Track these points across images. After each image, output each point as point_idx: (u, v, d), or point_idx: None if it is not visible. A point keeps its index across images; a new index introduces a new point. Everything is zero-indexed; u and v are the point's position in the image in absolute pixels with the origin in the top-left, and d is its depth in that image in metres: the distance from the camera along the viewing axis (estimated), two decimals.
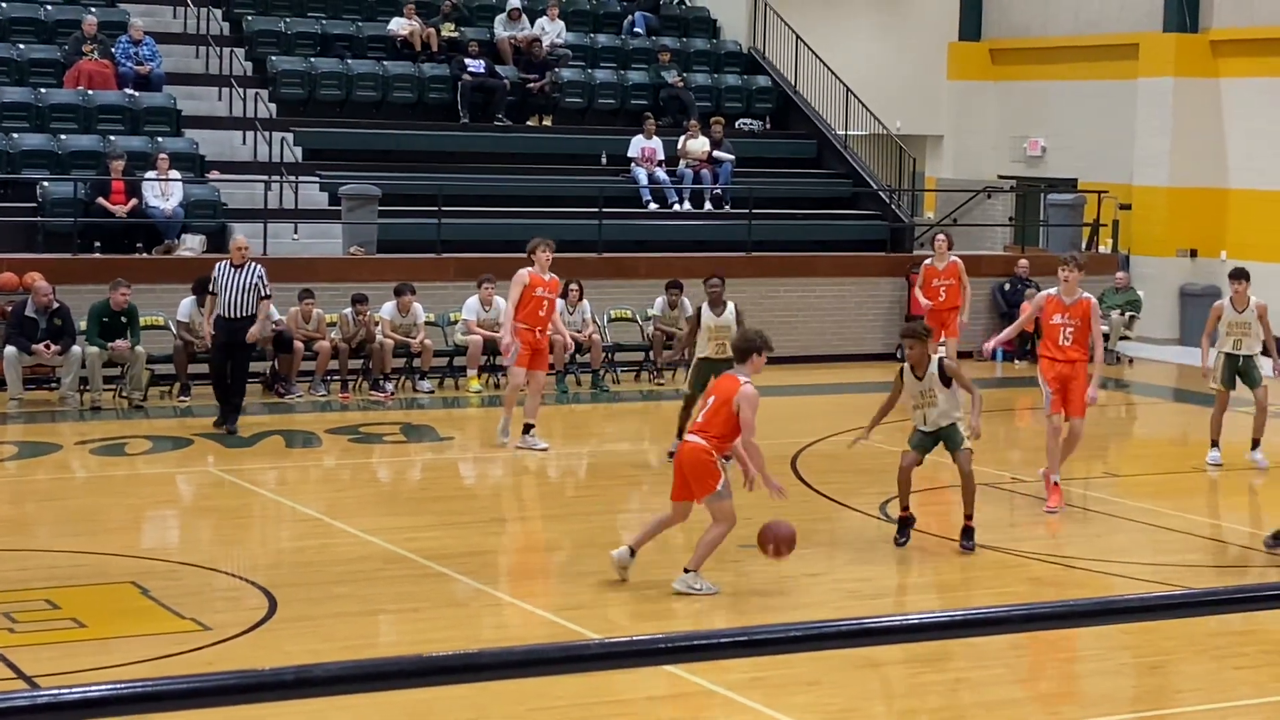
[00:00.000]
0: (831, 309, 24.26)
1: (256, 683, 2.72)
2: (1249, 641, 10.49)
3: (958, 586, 12.01)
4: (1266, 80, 26.08)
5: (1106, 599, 3.17)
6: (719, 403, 11.51)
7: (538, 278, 16.91)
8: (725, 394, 11.52)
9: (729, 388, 11.55)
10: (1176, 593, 3.25)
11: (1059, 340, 14.42)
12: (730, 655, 3.22)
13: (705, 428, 11.53)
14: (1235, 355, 16.15)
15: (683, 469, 11.62)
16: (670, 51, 27.69)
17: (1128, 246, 27.01)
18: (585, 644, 2.98)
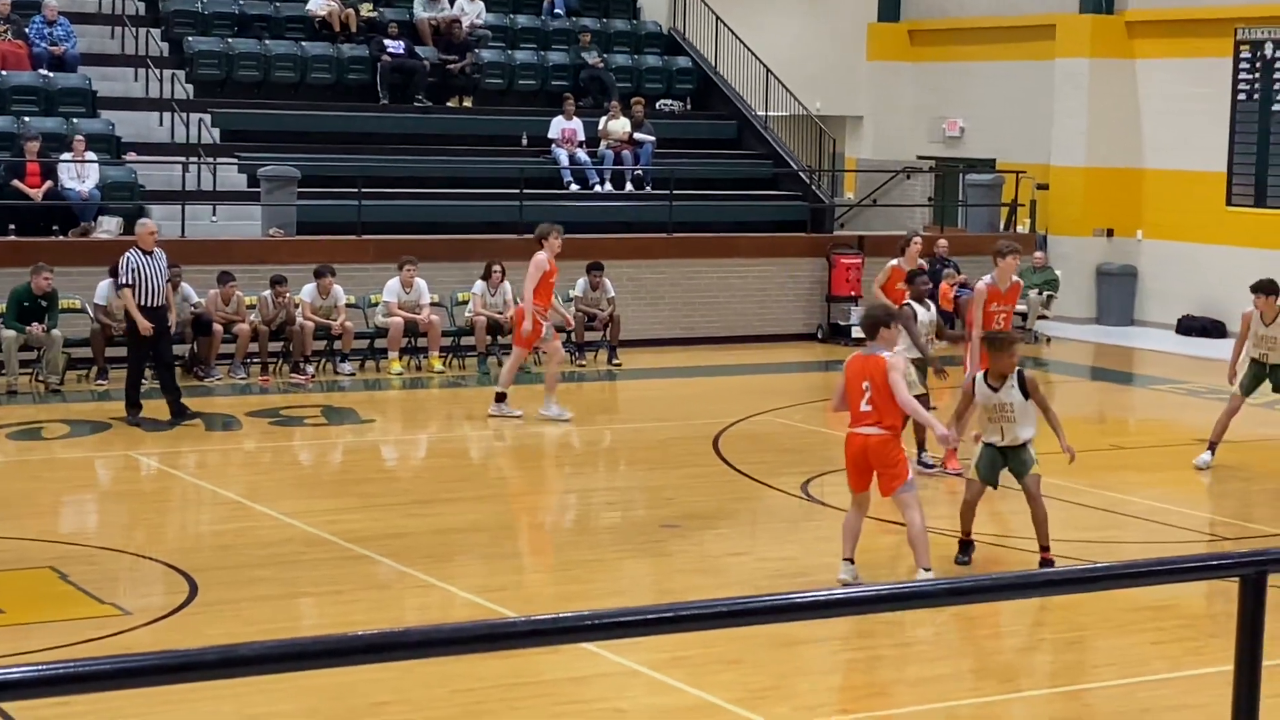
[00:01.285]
0: (753, 289, 24.32)
1: (179, 663, 2.70)
2: (1164, 616, 10.62)
3: (883, 565, 12.08)
4: (1180, 61, 26.34)
5: (1023, 573, 3.21)
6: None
7: (554, 263, 17.39)
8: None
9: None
10: (1090, 566, 3.29)
11: (994, 327, 14.56)
12: (652, 631, 3.24)
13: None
14: (1263, 363, 15.44)
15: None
16: (590, 32, 27.66)
17: (1045, 226, 27.23)
18: (509, 621, 2.99)
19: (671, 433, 17.38)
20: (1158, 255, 26.59)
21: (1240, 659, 3.26)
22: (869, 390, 10.93)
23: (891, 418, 10.93)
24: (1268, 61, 25.30)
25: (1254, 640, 3.23)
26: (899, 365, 11.00)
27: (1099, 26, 27.04)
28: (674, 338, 23.47)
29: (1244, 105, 25.62)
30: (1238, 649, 3.27)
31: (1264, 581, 3.22)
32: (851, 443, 11.10)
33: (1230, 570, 3.32)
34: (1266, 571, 3.21)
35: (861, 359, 11.13)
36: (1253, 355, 15.53)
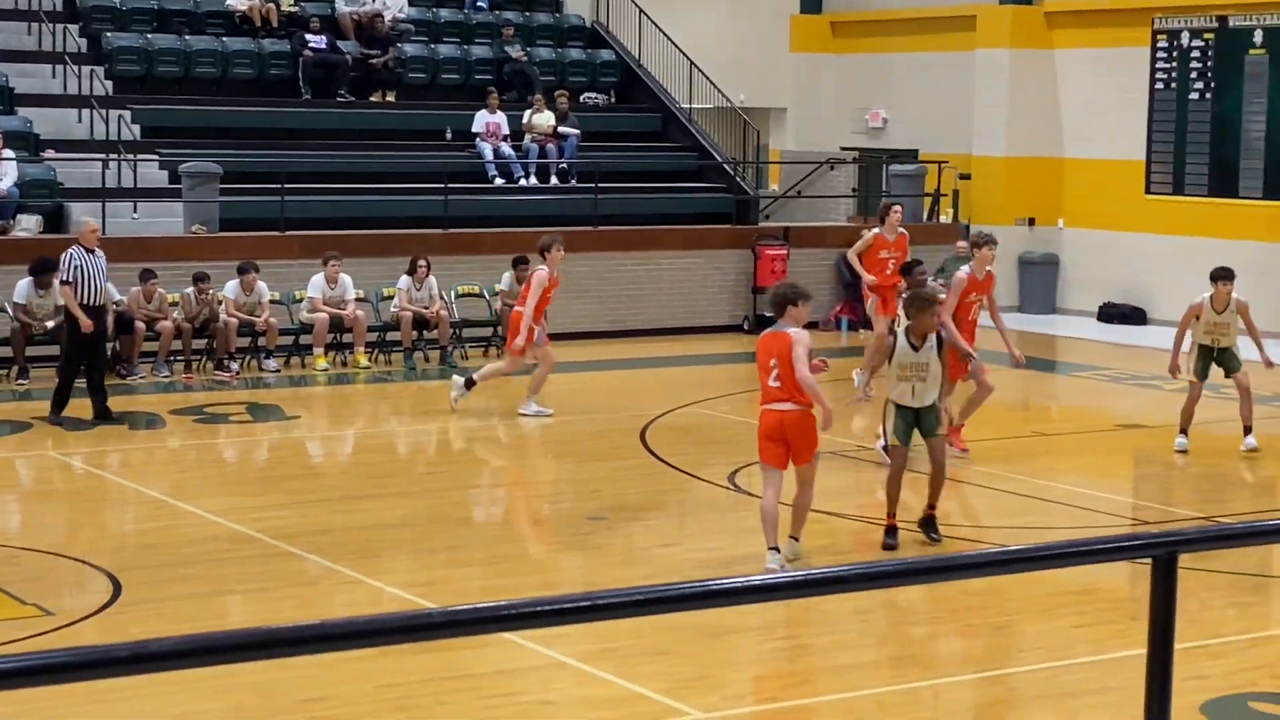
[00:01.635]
0: (678, 282, 24.36)
1: (89, 660, 2.69)
2: (1088, 600, 10.72)
3: (811, 553, 12.13)
4: (1099, 51, 26.58)
5: (936, 558, 3.24)
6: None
7: (554, 278, 17.35)
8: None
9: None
10: (1002, 549, 3.33)
11: (970, 316, 14.81)
12: (568, 621, 3.25)
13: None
14: (1212, 348, 15.55)
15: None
16: (513, 26, 27.60)
17: (968, 216, 27.41)
18: (425, 612, 3.00)
19: (599, 425, 17.39)
20: (1079, 243, 26.83)
21: (1153, 639, 3.30)
22: (776, 367, 11.10)
23: (801, 392, 11.06)
24: (1184, 51, 25.56)
25: (1166, 621, 3.27)
26: (804, 341, 11.12)
27: (1019, 17, 27.24)
28: (600, 330, 23.48)
29: (1161, 94, 25.89)
30: (1151, 630, 3.32)
31: (1175, 562, 3.27)
32: (766, 419, 11.24)
33: (1142, 551, 3.36)
34: (1177, 552, 3.26)
35: (770, 336, 11.30)
36: (1202, 342, 15.60)
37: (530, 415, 17.58)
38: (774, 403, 11.17)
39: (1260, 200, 24.51)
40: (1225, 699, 8.95)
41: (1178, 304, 24.69)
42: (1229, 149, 25.03)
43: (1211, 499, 14.48)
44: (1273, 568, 11.96)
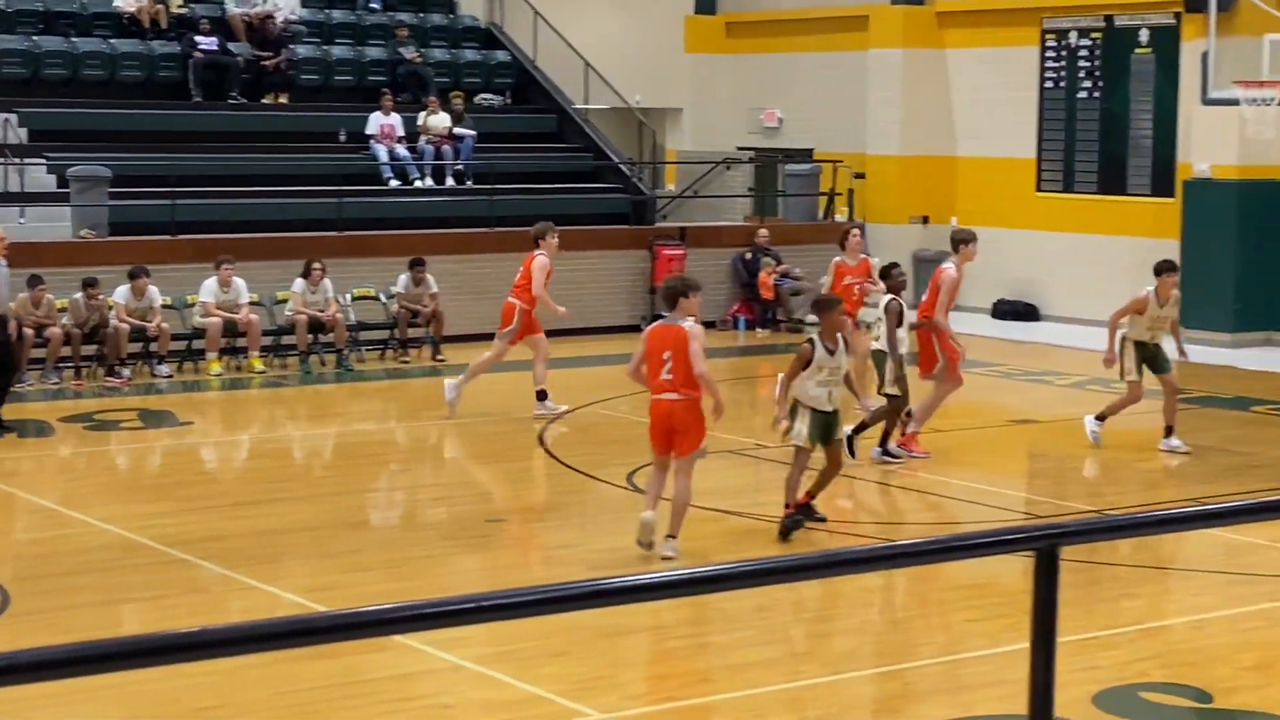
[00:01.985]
0: (575, 283, 24.30)
1: None
2: (982, 595, 10.82)
3: (708, 552, 12.16)
4: (990, 50, 26.84)
5: (823, 553, 3.25)
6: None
7: (553, 265, 17.50)
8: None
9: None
10: (887, 544, 3.35)
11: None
12: (472, 621, 3.24)
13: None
14: (1147, 344, 15.59)
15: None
16: (407, 27, 27.47)
17: (863, 214, 27.57)
18: (310, 617, 2.97)
19: (497, 427, 17.35)
20: None
21: (1036, 632, 3.33)
22: (670, 359, 11.43)
23: (692, 385, 11.40)
24: (1073, 50, 25.87)
25: (1048, 613, 3.30)
26: (699, 335, 11.45)
27: (910, 17, 27.46)
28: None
29: (1051, 93, 26.18)
30: (1033, 623, 3.35)
31: (1056, 555, 3.30)
32: (656, 409, 11.61)
33: (1023, 544, 3.39)
34: (1058, 545, 3.29)
35: (662, 328, 11.62)
36: (1139, 339, 15.58)
37: (546, 413, 17.39)
38: (664, 393, 11.52)
39: (1148, 197, 24.85)
40: (1117, 689, 9.07)
41: (1069, 300, 25.11)
42: (1117, 147, 25.35)
43: (1102, 492, 14.66)
44: (1163, 559, 12.12)
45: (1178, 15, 24.18)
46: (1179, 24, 24.23)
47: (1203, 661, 9.73)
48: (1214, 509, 3.81)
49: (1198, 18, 22.70)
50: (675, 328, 11.51)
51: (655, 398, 11.63)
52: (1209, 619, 10.63)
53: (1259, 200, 23.27)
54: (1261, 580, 11.56)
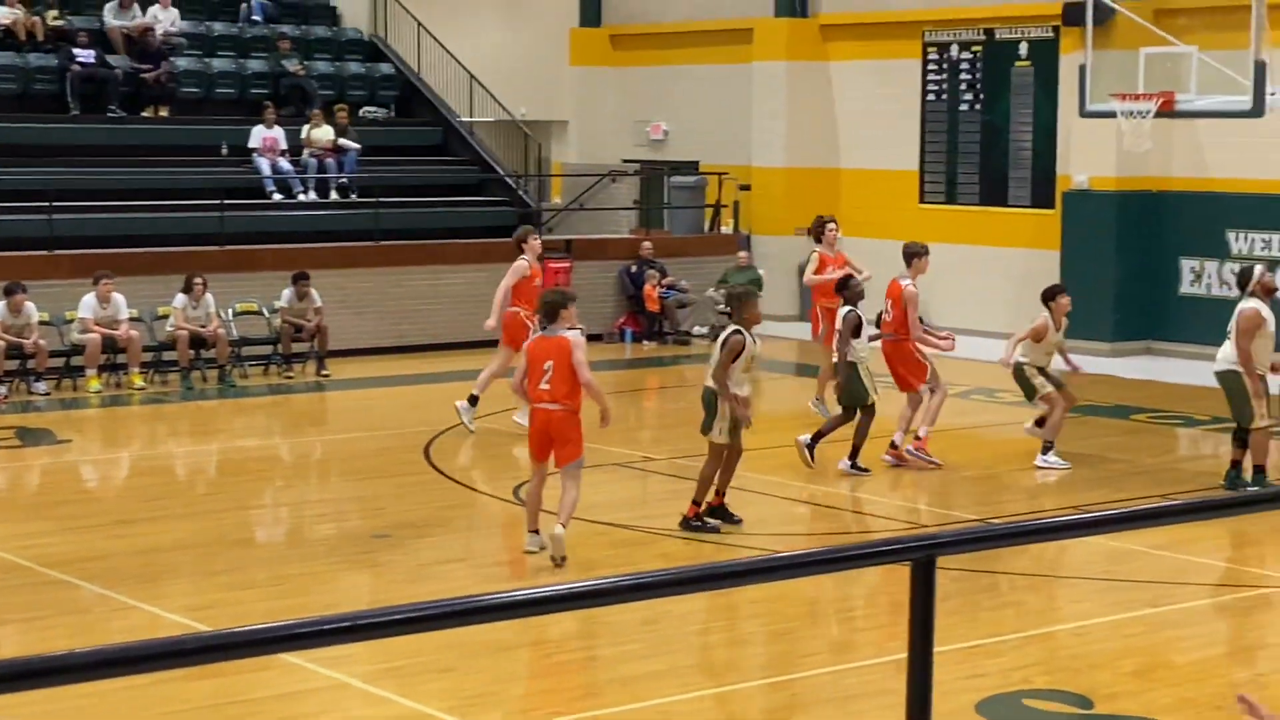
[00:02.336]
0: (462, 296, 24.22)
1: None
2: (869, 605, 10.88)
3: (595, 565, 12.15)
4: (872, 63, 27.05)
5: (712, 565, 3.24)
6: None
7: (535, 268, 17.42)
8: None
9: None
10: (768, 557, 3.35)
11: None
12: (356, 638, 3.20)
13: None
14: (1043, 369, 15.72)
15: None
16: (290, 39, 27.25)
17: (749, 226, 27.70)
18: (180, 639, 2.92)
19: (382, 442, 17.23)
20: (856, 252, 27.08)
21: (913, 643, 3.34)
22: (550, 370, 11.70)
23: (571, 395, 11.69)
24: (954, 63, 26.14)
25: (925, 624, 3.31)
26: (582, 344, 11.80)
27: (794, 30, 27.63)
28: (383, 346, 23.28)
29: (933, 105, 26.43)
30: (910, 633, 3.36)
31: (933, 565, 3.31)
32: (536, 418, 11.89)
33: (900, 555, 3.40)
34: (934, 555, 3.30)
35: (544, 340, 11.92)
36: (1039, 364, 15.65)
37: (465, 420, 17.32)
38: (543, 403, 11.77)
39: (1029, 209, 25.14)
40: (1000, 697, 9.14)
41: (953, 311, 25.31)
42: (998, 159, 25.64)
43: (987, 502, 14.79)
44: (1047, 566, 12.25)
45: (1056, 29, 24.51)
46: (1057, 37, 24.56)
47: (1085, 668, 9.84)
48: (1090, 517, 3.84)
49: (1075, 31, 22.95)
50: (557, 338, 11.78)
51: (534, 407, 11.91)
52: (1091, 625, 10.75)
53: (1136, 211, 23.62)
54: (1142, 586, 11.71)
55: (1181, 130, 22.87)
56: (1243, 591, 12.01)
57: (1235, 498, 11.03)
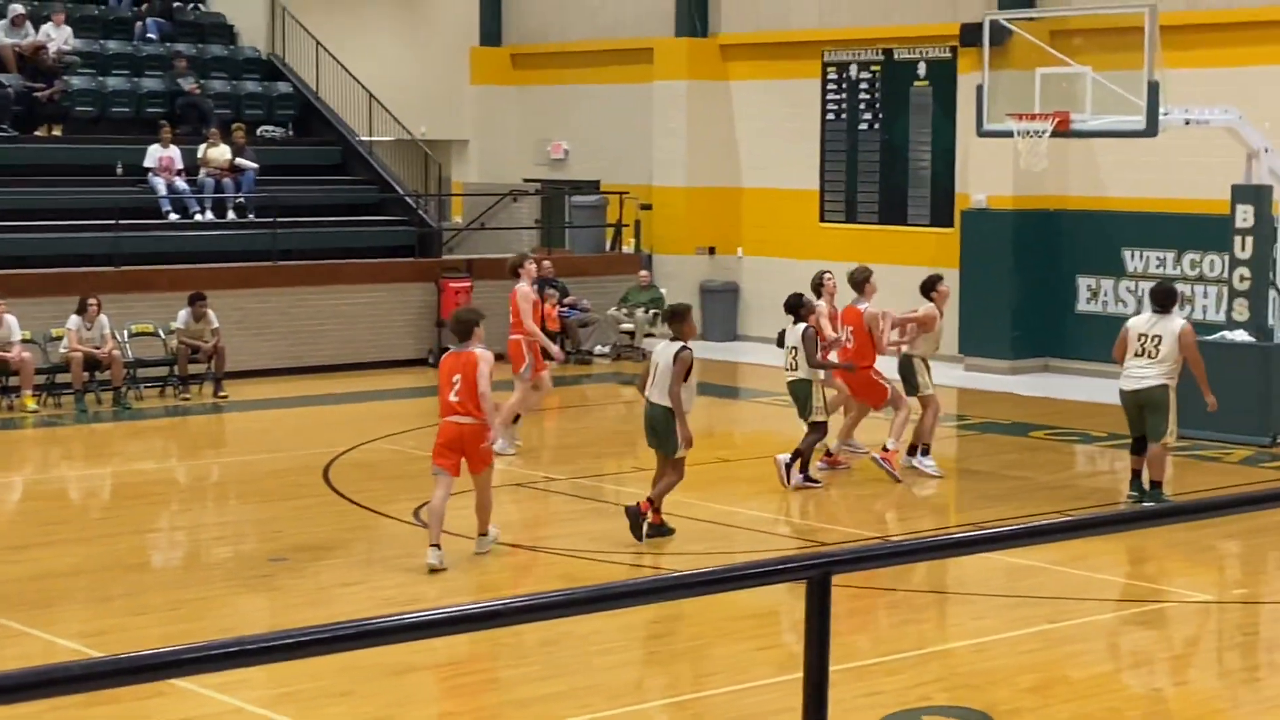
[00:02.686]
0: (361, 316, 24.10)
1: None
2: (769, 623, 10.88)
3: (497, 586, 12.10)
4: (772, 82, 27.18)
5: (606, 585, 3.20)
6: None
7: (537, 293, 17.55)
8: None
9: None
10: (658, 577, 3.32)
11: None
12: (252, 663, 3.15)
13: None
14: (925, 360, 16.13)
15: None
16: (186, 58, 26.99)
17: (650, 246, 27.73)
18: (96, 661, 2.87)
19: (281, 464, 17.07)
20: (757, 271, 27.36)
21: (809, 660, 3.32)
22: (458, 383, 12.17)
23: (480, 408, 12.19)
24: (853, 83, 26.30)
25: (821, 642, 3.29)
26: (489, 359, 12.26)
27: (694, 49, 27.70)
28: (282, 368, 23.07)
29: (833, 125, 26.58)
30: (806, 651, 3.34)
31: (828, 583, 3.30)
32: (445, 430, 12.32)
33: (795, 574, 3.38)
34: (830, 573, 3.28)
35: (455, 355, 12.37)
36: (926, 355, 16.04)
37: (511, 453, 16.96)
38: (453, 415, 12.23)
39: (928, 227, 25.33)
40: (900, 714, 9.16)
41: None
42: (898, 178, 25.82)
43: (887, 519, 14.86)
44: (946, 583, 12.31)
45: (954, 49, 24.72)
46: (955, 58, 24.77)
47: (984, 684, 9.88)
48: (986, 534, 3.83)
49: (973, 52, 23.17)
50: (468, 353, 12.24)
51: (444, 420, 12.32)
52: (989, 641, 10.80)
53: (1034, 230, 23.85)
54: (1040, 602, 11.79)
55: (1078, 150, 23.12)
56: (1139, 606, 12.12)
57: (1132, 512, 11.12)
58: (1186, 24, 21.76)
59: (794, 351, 15.36)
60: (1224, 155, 19.42)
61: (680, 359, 12.95)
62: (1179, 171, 22.16)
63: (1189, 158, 21.66)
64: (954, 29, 24.33)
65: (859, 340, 15.94)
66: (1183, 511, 4.42)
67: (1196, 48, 21.77)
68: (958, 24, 24.19)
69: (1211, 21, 22.16)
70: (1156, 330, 14.64)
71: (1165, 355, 14.53)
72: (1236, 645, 11.44)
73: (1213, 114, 18.37)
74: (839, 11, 26.29)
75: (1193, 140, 20.52)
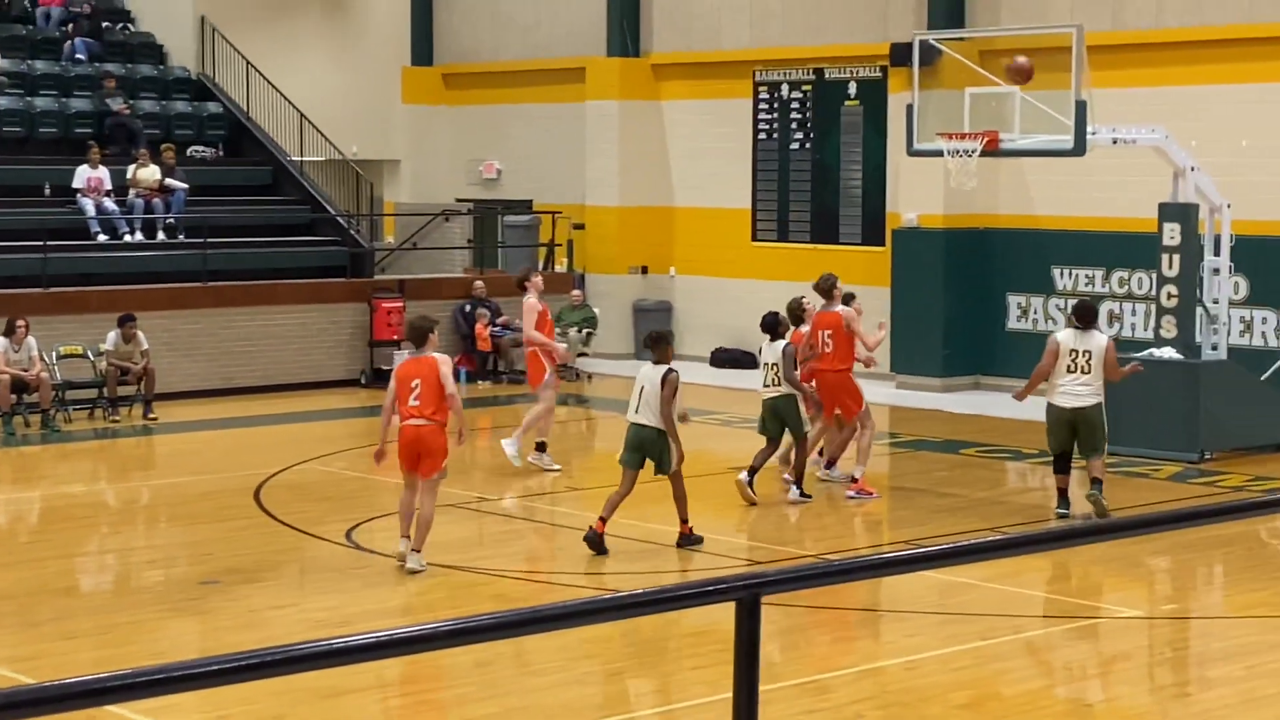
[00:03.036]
0: (293, 336, 23.98)
1: None
2: (703, 642, 10.88)
3: (426, 608, 12.05)
4: (704, 102, 27.26)
5: (540, 607, 3.20)
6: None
7: (544, 303, 17.63)
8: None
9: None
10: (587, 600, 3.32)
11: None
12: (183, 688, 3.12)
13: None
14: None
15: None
16: (115, 78, 26.82)
17: (583, 265, 27.74)
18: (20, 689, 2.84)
19: (211, 486, 16.95)
20: (690, 290, 27.41)
21: (739, 681, 3.32)
22: (418, 387, 12.55)
23: (438, 411, 12.55)
24: (784, 102, 26.41)
25: (750, 662, 3.30)
26: (449, 362, 12.73)
27: (627, 69, 27.75)
28: (212, 389, 22.92)
29: (764, 144, 26.68)
30: (736, 672, 3.34)
31: (758, 604, 3.30)
32: (404, 433, 12.69)
33: (724, 595, 3.39)
34: (759, 594, 3.29)
35: (413, 361, 12.75)
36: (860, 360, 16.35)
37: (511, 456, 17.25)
38: (411, 419, 12.61)
39: (860, 246, 25.44)
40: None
41: None
42: (829, 197, 25.93)
43: (819, 538, 14.89)
44: (879, 601, 12.35)
45: (884, 69, 24.86)
46: (886, 77, 24.92)
47: (916, 701, 9.92)
48: (917, 553, 3.85)
49: (903, 71, 23.29)
50: (426, 358, 12.65)
51: (404, 423, 12.68)
52: (922, 659, 10.84)
53: (964, 248, 24.00)
54: (972, 619, 11.85)
55: (1008, 169, 23.30)
56: (1070, 622, 12.20)
57: (1063, 530, 11.19)
58: (1113, 44, 21.98)
59: (774, 368, 15.48)
60: (1151, 174, 19.64)
61: (669, 381, 13.56)
62: (1107, 190, 22.37)
63: (1117, 176, 21.88)
64: (884, 49, 24.47)
65: (840, 342, 15.96)
66: (1114, 529, 4.46)
67: (1123, 68, 22.00)
68: (888, 44, 24.33)
69: (1138, 42, 22.39)
70: (1086, 346, 14.80)
71: (1096, 371, 14.72)
72: (1166, 660, 11.53)
73: (1140, 133, 18.56)
74: (770, 31, 26.40)
75: (1120, 159, 20.73)
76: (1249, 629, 11.76)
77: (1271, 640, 11.38)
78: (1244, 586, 12.96)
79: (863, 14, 25.30)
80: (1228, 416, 18.12)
